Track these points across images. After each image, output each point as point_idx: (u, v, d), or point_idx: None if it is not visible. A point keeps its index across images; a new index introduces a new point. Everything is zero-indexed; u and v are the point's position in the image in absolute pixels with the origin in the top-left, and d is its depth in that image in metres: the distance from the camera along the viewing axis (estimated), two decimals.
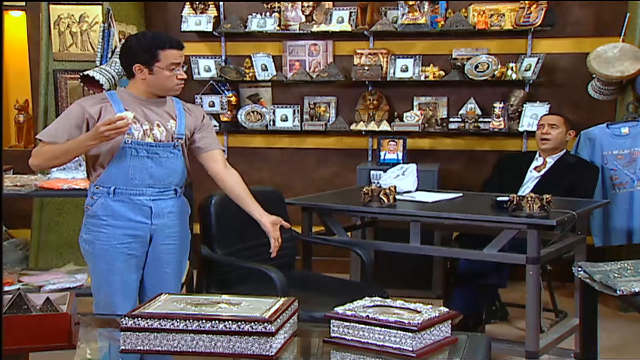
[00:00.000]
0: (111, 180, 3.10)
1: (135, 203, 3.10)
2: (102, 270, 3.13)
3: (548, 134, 4.56)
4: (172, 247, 3.22)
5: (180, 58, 3.13)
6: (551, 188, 3.98)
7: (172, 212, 3.20)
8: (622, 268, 2.54)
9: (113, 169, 3.08)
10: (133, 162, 3.08)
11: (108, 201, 3.10)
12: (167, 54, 3.07)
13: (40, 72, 5.71)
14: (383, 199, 3.90)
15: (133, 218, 3.11)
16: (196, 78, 5.98)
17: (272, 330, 1.91)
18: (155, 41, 3.11)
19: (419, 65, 5.67)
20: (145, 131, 3.10)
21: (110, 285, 3.11)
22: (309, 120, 5.92)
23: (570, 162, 4.60)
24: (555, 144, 4.58)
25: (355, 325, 1.99)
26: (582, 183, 4.52)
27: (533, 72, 5.46)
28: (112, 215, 3.09)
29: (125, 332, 1.97)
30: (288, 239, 3.99)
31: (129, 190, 3.09)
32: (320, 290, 3.66)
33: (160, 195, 3.15)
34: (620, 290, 2.31)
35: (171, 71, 3.09)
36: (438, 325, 1.99)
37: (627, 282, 2.34)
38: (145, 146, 3.09)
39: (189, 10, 5.93)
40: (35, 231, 5.71)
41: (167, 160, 3.14)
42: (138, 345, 1.96)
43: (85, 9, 5.62)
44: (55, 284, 4.49)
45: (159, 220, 3.15)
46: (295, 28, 5.79)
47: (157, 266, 3.20)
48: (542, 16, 5.38)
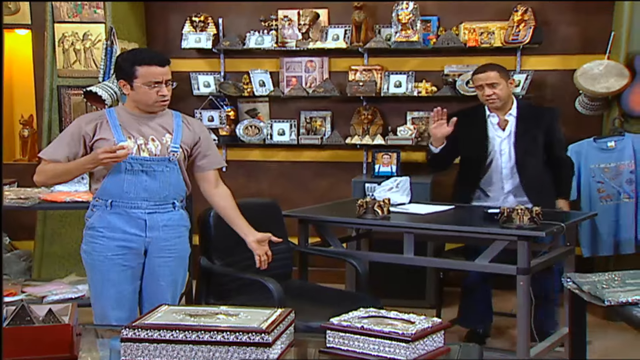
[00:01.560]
0: (108, 194, 3.11)
1: (130, 216, 3.11)
2: (98, 281, 3.13)
3: (492, 95, 4.14)
4: (168, 260, 3.20)
5: (161, 75, 3.09)
6: (529, 148, 4.11)
7: (168, 226, 3.18)
8: (609, 279, 2.54)
9: (109, 183, 3.09)
10: (128, 176, 3.08)
11: (105, 214, 3.11)
12: (144, 71, 3.06)
13: (44, 88, 5.72)
14: (377, 211, 3.90)
15: (128, 230, 3.11)
16: (196, 93, 5.98)
17: (270, 340, 1.90)
18: (134, 58, 3.12)
19: (411, 81, 5.68)
20: (139, 146, 3.10)
21: (105, 295, 3.11)
22: (306, 134, 5.92)
23: (531, 113, 4.27)
24: (503, 100, 4.18)
25: (350, 336, 1.98)
26: (552, 131, 4.27)
27: (522, 87, 5.47)
28: (107, 227, 3.10)
29: (125, 343, 1.95)
30: (285, 250, 3.98)
31: (124, 203, 3.10)
32: (316, 301, 3.65)
33: (156, 208, 3.14)
34: (608, 300, 2.30)
35: (151, 88, 3.07)
36: (431, 336, 1.98)
37: (614, 293, 2.33)
38: (140, 160, 3.08)
39: (189, 28, 5.93)
40: (38, 243, 5.69)
41: (162, 174, 3.12)
42: (138, 356, 1.95)
43: (89, 27, 5.62)
44: (58, 294, 4.47)
45: (154, 233, 3.14)
46: (292, 45, 5.80)
47: (152, 279, 3.19)
48: (531, 34, 5.40)
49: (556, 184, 4.31)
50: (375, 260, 4.17)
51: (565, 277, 2.61)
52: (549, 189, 4.28)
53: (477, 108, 4.33)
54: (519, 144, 4.17)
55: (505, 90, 4.13)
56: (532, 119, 4.20)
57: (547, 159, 4.27)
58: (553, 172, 4.28)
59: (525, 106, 4.29)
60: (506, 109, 4.21)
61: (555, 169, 4.30)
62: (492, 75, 4.12)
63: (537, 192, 4.17)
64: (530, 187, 4.17)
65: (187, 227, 3.32)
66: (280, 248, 3.96)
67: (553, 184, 4.29)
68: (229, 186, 3.47)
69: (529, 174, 4.19)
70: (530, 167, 4.18)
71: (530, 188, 4.17)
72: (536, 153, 4.22)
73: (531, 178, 4.19)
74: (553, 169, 4.28)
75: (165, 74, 3.10)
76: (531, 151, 4.19)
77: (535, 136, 4.18)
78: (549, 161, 4.27)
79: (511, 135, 4.20)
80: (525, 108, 4.25)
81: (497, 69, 4.16)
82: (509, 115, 4.19)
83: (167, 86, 3.13)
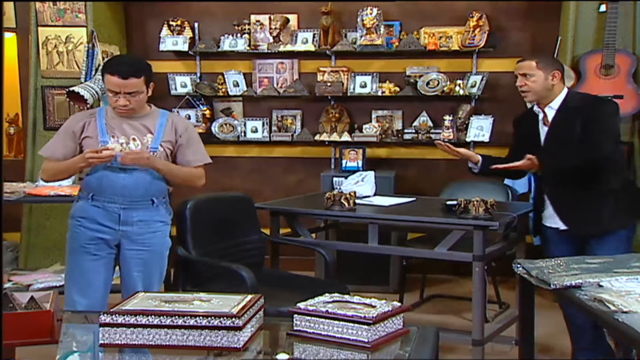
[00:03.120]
0: (89, 188, 3.11)
1: (107, 210, 3.10)
2: (71, 267, 3.14)
3: (523, 86, 3.51)
4: (140, 253, 3.17)
5: (119, 87, 3.00)
6: (561, 141, 3.42)
7: (143, 221, 3.15)
8: (555, 265, 2.57)
9: (91, 178, 3.10)
10: (107, 173, 3.07)
11: (86, 205, 3.11)
12: (107, 79, 3.04)
13: (29, 88, 5.64)
14: (344, 203, 3.90)
15: (102, 222, 3.10)
16: (173, 93, 5.93)
17: (240, 324, 1.89)
18: (107, 63, 3.12)
19: (376, 81, 5.69)
20: (121, 145, 3.07)
21: (73, 281, 3.10)
22: (277, 132, 5.90)
23: (574, 103, 3.49)
24: (538, 94, 3.49)
25: (316, 319, 1.98)
26: (593, 122, 3.38)
27: (478, 88, 5.51)
28: (86, 218, 3.11)
29: (104, 328, 1.94)
30: (257, 240, 3.98)
31: (103, 198, 3.09)
32: (287, 287, 3.64)
33: (132, 204, 3.11)
34: (554, 284, 2.33)
35: (113, 95, 3.04)
36: (391, 319, 1.99)
37: (559, 277, 2.36)
38: (118, 158, 3.04)
39: (166, 32, 5.88)
40: (24, 234, 5.62)
41: (140, 172, 3.09)
42: (116, 340, 1.93)
43: (71, 31, 5.54)
44: (43, 282, 4.44)
45: (127, 228, 3.12)
46: (264, 48, 5.78)
47: (126, 270, 3.18)
48: (485, 39, 5.44)
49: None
50: (343, 249, 4.18)
51: (516, 263, 2.64)
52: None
53: (531, 109, 3.68)
54: (552, 136, 3.50)
55: (540, 83, 3.46)
56: (573, 109, 3.46)
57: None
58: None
59: (571, 97, 3.52)
60: (546, 102, 3.51)
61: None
62: (525, 65, 3.51)
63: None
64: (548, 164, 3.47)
65: (165, 222, 3.26)
66: (253, 238, 3.96)
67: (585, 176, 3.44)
68: (205, 180, 3.45)
69: (552, 154, 3.50)
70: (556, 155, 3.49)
71: (548, 165, 3.48)
72: (567, 144, 3.45)
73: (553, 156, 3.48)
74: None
75: (124, 86, 3.00)
76: (564, 143, 3.44)
77: (572, 127, 3.42)
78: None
79: (548, 127, 3.53)
80: (570, 99, 3.50)
81: (536, 59, 3.51)
82: (549, 108, 3.51)
83: (132, 97, 3.03)
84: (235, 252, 3.80)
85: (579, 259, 2.67)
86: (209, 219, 3.75)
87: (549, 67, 3.47)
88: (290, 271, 4.18)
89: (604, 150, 3.36)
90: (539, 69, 3.46)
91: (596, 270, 2.43)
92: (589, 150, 3.37)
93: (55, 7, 5.51)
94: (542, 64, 3.47)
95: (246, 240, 3.93)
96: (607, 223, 3.42)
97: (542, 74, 3.46)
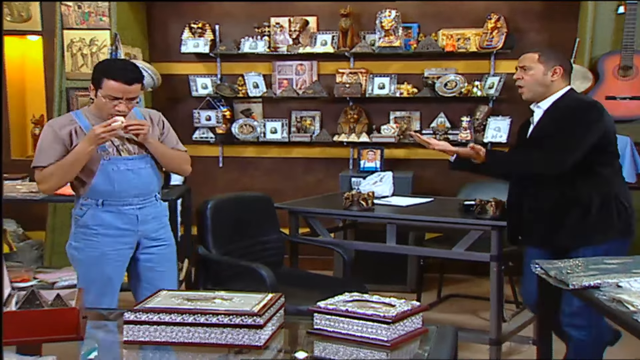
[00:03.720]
0: (99, 194, 3.00)
1: (123, 213, 3.02)
2: (92, 276, 3.02)
3: (520, 79, 3.19)
4: (161, 248, 3.15)
5: (123, 93, 2.90)
6: (537, 142, 3.12)
7: (155, 217, 3.13)
8: (573, 265, 2.54)
9: (99, 185, 2.98)
10: (116, 177, 2.98)
11: (97, 212, 3.01)
12: (108, 84, 2.89)
13: (54, 90, 5.68)
14: (362, 203, 3.90)
15: (121, 226, 3.03)
16: (194, 95, 5.96)
17: (261, 322, 1.89)
18: (105, 68, 2.96)
19: (394, 83, 5.68)
20: (117, 147, 3.00)
21: (99, 288, 3.00)
22: (296, 133, 5.91)
23: (563, 105, 3.13)
24: (533, 90, 3.17)
25: (336, 318, 1.97)
26: (562, 126, 3.05)
27: (496, 89, 5.48)
28: (102, 225, 3.01)
29: (127, 325, 1.95)
30: (276, 239, 3.99)
31: (116, 202, 3.01)
32: (305, 286, 3.65)
33: (144, 203, 3.07)
34: (573, 284, 2.31)
35: (110, 100, 2.91)
36: (410, 318, 1.98)
37: (578, 277, 2.34)
38: (123, 160, 3.00)
39: (188, 34, 5.91)
40: (49, 233, 5.67)
41: (146, 170, 3.05)
42: (139, 337, 1.94)
43: (95, 34, 5.58)
44: (67, 280, 4.46)
45: (145, 226, 3.08)
46: (284, 50, 5.78)
47: (150, 267, 3.13)
48: (503, 40, 5.41)
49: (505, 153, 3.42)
50: (361, 248, 4.18)
51: (534, 263, 2.62)
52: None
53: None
54: (534, 137, 3.19)
55: (538, 77, 3.14)
56: (559, 111, 3.13)
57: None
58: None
59: (565, 99, 3.16)
60: (540, 99, 3.19)
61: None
62: (527, 56, 3.19)
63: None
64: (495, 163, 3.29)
65: (167, 216, 3.25)
66: (273, 238, 3.97)
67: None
68: (226, 180, 3.46)
69: (504, 153, 3.46)
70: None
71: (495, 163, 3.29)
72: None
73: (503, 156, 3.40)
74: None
75: (128, 91, 2.91)
76: (539, 144, 3.14)
77: (550, 129, 3.13)
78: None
79: (533, 128, 3.24)
80: (563, 101, 3.15)
81: (540, 51, 3.19)
82: (537, 108, 3.19)
83: (130, 102, 2.95)
84: (255, 252, 3.82)
85: (597, 260, 2.64)
86: (229, 219, 3.76)
87: (551, 62, 3.14)
88: (309, 270, 4.19)
89: (560, 157, 3.01)
90: (540, 63, 3.14)
91: (615, 271, 2.41)
92: (545, 154, 3.04)
93: (80, 10, 5.55)
94: (544, 57, 3.15)
95: (266, 240, 3.94)
96: (564, 238, 3.08)
97: (542, 67, 3.14)
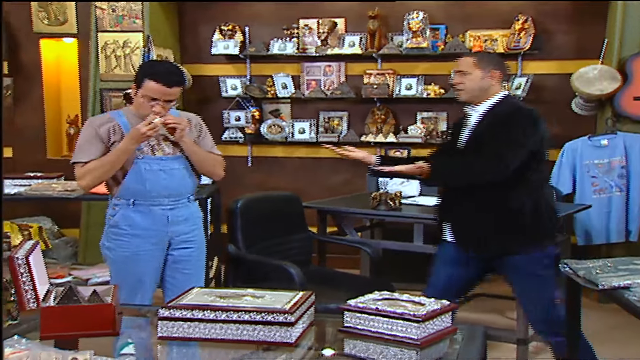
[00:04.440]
0: (130, 194, 2.98)
1: (153, 213, 2.99)
2: (124, 275, 3.01)
3: (457, 84, 3.12)
4: (190, 250, 3.10)
5: (162, 95, 2.87)
6: (476, 147, 3.01)
7: (187, 219, 3.08)
8: (603, 265, 2.51)
9: (131, 183, 2.97)
10: (148, 176, 2.96)
11: (128, 212, 2.99)
12: (148, 85, 2.88)
13: (88, 91, 5.76)
14: (390, 202, 3.90)
15: (151, 227, 3.00)
16: (224, 95, 5.99)
17: (292, 320, 1.90)
18: (148, 69, 2.98)
19: (421, 84, 5.65)
20: (152, 147, 2.98)
21: (130, 287, 2.97)
22: (324, 133, 5.91)
23: (501, 112, 3.03)
24: (472, 93, 3.07)
25: (366, 316, 1.97)
26: (500, 131, 2.95)
27: (523, 90, 5.43)
28: (132, 225, 2.99)
29: (162, 322, 1.96)
30: (305, 238, 3.99)
31: (147, 202, 2.98)
32: (334, 285, 3.65)
33: (176, 204, 3.03)
34: (602, 285, 2.28)
35: (148, 101, 2.90)
36: (440, 317, 1.97)
37: (608, 278, 2.31)
38: (157, 160, 2.97)
39: (218, 36, 5.94)
40: (83, 230, 5.74)
41: (179, 171, 3.01)
42: (173, 333, 1.96)
43: (129, 36, 5.64)
44: (100, 277, 4.50)
45: (175, 227, 3.03)
46: (312, 51, 5.79)
47: (178, 268, 3.09)
48: (531, 41, 5.36)
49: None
50: (388, 247, 4.17)
51: (563, 263, 2.59)
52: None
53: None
54: (471, 142, 3.07)
55: (476, 82, 3.05)
56: (497, 116, 3.04)
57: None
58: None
59: (503, 103, 3.08)
60: (477, 102, 3.09)
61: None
62: (463, 61, 3.11)
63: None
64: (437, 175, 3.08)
65: (201, 217, 3.21)
66: (301, 237, 3.98)
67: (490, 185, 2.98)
68: (254, 180, 3.46)
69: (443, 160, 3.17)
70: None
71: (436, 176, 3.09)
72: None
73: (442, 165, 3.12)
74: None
75: (167, 94, 2.89)
76: (475, 149, 3.04)
77: (490, 135, 3.00)
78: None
79: (469, 131, 3.11)
80: (500, 105, 3.07)
81: (476, 57, 3.14)
82: (474, 111, 3.09)
83: (168, 104, 2.92)
84: (283, 250, 3.82)
85: (625, 260, 2.61)
86: (259, 218, 3.78)
87: (488, 66, 3.06)
88: (337, 269, 4.18)
89: (503, 163, 2.89)
90: (477, 67, 3.06)
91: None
92: (488, 162, 2.92)
93: (114, 13, 5.62)
94: (481, 62, 3.07)
95: (294, 239, 3.94)
96: (498, 246, 3.00)
97: (479, 72, 3.05)
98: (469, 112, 3.11)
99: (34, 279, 2.08)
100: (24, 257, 2.08)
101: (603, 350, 3.92)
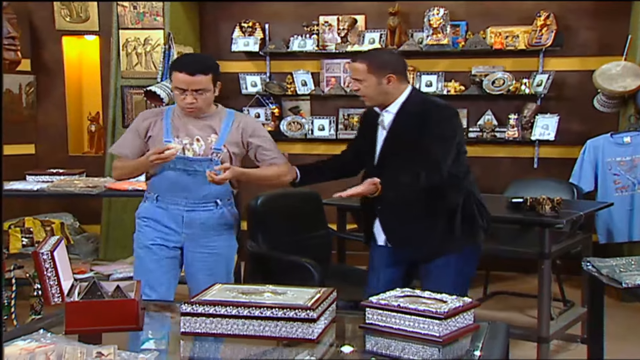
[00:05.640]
0: (155, 189, 3.04)
1: (170, 211, 3.00)
2: (137, 264, 3.08)
3: (357, 90, 2.98)
4: (206, 256, 3.03)
5: (185, 84, 2.88)
6: (398, 149, 2.94)
7: (206, 224, 3.00)
8: (627, 263, 2.50)
9: (156, 179, 3.03)
10: (171, 174, 2.97)
11: (152, 206, 3.04)
12: (175, 76, 2.91)
13: (110, 88, 5.80)
14: None
15: (166, 224, 3.01)
16: (244, 92, 6.00)
17: (314, 316, 1.90)
18: (175, 62, 3.06)
19: (441, 80, 5.63)
20: (185, 146, 2.96)
21: (142, 278, 2.88)
22: (344, 130, 5.91)
23: (414, 109, 2.93)
24: (375, 99, 2.96)
25: (388, 313, 1.98)
26: (427, 129, 2.85)
27: (544, 87, 5.39)
28: (151, 219, 3.03)
29: (184, 317, 1.98)
30: (324, 235, 3.99)
31: (167, 199, 3.00)
32: (353, 281, 3.64)
33: (195, 206, 2.99)
34: (626, 283, 2.27)
35: (180, 93, 2.92)
36: (462, 314, 1.97)
37: (631, 276, 2.30)
38: (183, 160, 2.94)
39: (238, 33, 5.96)
40: (104, 227, 5.79)
41: (204, 174, 2.89)
42: (196, 329, 1.97)
43: (150, 33, 5.68)
44: (122, 273, 4.53)
45: (190, 230, 3.00)
46: (332, 48, 5.78)
47: (191, 272, 3.06)
48: (552, 38, 5.31)
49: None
50: None
51: (585, 261, 2.57)
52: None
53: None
54: (390, 144, 2.99)
55: (373, 89, 2.92)
56: (411, 114, 2.93)
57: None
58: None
59: (412, 100, 2.97)
60: (385, 105, 2.98)
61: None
62: (355, 68, 2.94)
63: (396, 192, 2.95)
64: (388, 188, 2.88)
65: (230, 225, 3.09)
66: (321, 234, 3.98)
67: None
68: None
69: (390, 174, 2.91)
70: (392, 167, 2.94)
71: (389, 189, 2.88)
72: (403, 152, 2.93)
73: (391, 178, 2.89)
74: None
75: (192, 82, 2.88)
76: (398, 150, 2.96)
77: (410, 134, 2.91)
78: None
79: (386, 132, 3.01)
80: (410, 102, 2.96)
81: (367, 62, 2.93)
82: (387, 112, 2.98)
83: (199, 95, 2.91)
84: (303, 247, 3.82)
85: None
86: (278, 215, 3.78)
87: (383, 72, 2.90)
88: (356, 266, 4.18)
89: (438, 160, 2.83)
90: (370, 74, 2.90)
91: None
92: (424, 162, 2.83)
93: (135, 11, 5.66)
94: (373, 68, 2.90)
95: (314, 236, 3.94)
96: (435, 245, 2.95)
97: (374, 78, 2.90)
98: (381, 113, 3.00)
99: (58, 274, 2.10)
100: (49, 252, 2.10)
101: (625, 349, 3.90)
